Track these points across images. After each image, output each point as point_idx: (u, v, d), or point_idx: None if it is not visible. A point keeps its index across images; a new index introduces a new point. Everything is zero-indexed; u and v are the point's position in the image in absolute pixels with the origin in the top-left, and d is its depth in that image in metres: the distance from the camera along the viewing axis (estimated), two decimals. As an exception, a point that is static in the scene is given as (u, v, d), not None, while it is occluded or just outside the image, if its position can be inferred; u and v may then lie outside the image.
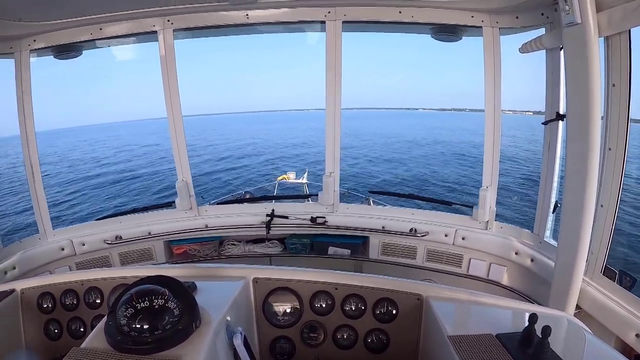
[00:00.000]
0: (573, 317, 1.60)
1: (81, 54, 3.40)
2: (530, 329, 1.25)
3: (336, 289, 1.70)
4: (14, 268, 3.16)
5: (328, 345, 1.71)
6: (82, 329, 1.93)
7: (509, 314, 1.61)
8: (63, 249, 3.45)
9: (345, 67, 3.24)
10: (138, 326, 1.16)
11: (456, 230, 3.23)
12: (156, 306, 1.19)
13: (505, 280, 3.12)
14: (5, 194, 25.12)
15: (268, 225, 3.65)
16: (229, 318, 1.40)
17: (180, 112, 3.41)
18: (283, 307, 1.74)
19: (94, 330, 1.29)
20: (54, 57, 3.35)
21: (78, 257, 3.51)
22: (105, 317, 1.28)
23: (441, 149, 39.75)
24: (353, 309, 1.70)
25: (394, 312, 1.67)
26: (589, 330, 1.49)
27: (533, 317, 1.24)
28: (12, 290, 1.94)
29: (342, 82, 3.26)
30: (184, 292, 1.31)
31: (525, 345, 1.25)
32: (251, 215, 3.72)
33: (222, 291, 1.59)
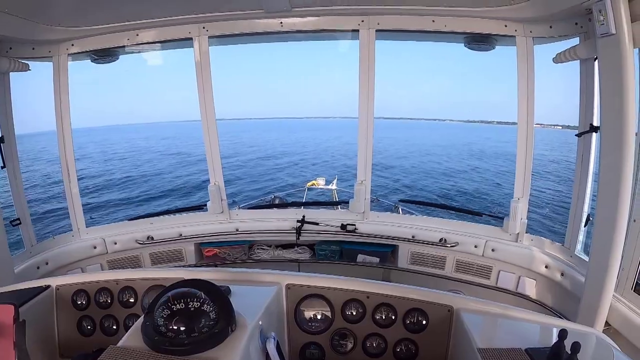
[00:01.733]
0: (602, 334, 1.57)
1: (118, 58, 3.49)
2: (559, 345, 1.24)
3: (368, 297, 1.71)
4: (47, 263, 3.27)
5: (357, 353, 1.72)
6: (114, 327, 1.98)
7: (538, 329, 1.61)
8: (95, 247, 3.55)
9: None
10: (175, 327, 1.19)
11: (486, 242, 3.20)
12: (192, 309, 1.22)
13: (534, 294, 3.06)
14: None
15: (298, 231, 3.67)
16: (261, 322, 1.43)
17: (214, 117, 3.48)
18: (314, 313, 1.75)
19: (131, 329, 1.32)
20: (91, 61, 3.44)
21: (109, 255, 3.60)
22: (142, 317, 1.32)
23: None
24: (384, 318, 1.71)
25: (424, 322, 1.67)
26: (618, 348, 1.46)
27: (563, 333, 1.24)
28: (48, 286, 2.00)
29: (375, 90, 3.27)
30: (220, 296, 1.34)
31: None
32: (282, 220, 3.75)
33: (255, 296, 1.62)
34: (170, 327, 1.19)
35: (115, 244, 3.62)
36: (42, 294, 1.97)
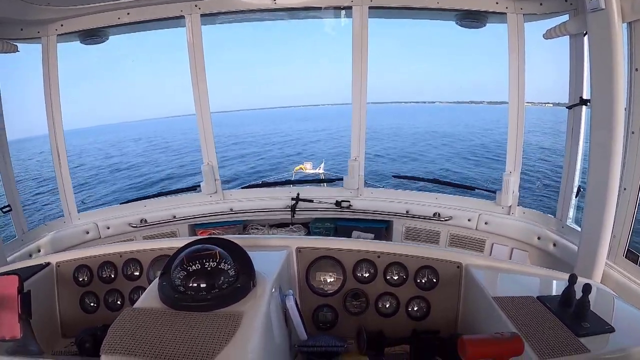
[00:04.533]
0: (603, 285, 1.65)
1: (107, 39, 3.44)
2: (570, 290, 1.30)
3: (379, 257, 1.74)
4: (39, 251, 3.23)
5: (370, 313, 1.75)
6: (119, 302, 1.97)
7: (545, 280, 1.67)
8: (88, 232, 3.51)
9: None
10: (194, 285, 1.19)
11: (479, 215, 3.25)
12: (208, 268, 1.22)
13: (527, 265, 3.13)
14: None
15: (293, 209, 3.68)
16: (280, 283, 1.45)
17: (207, 98, 3.47)
18: (326, 275, 1.77)
19: (146, 291, 1.32)
20: (81, 42, 3.39)
21: (102, 240, 3.56)
22: (157, 278, 1.31)
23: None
24: (395, 277, 1.75)
25: (435, 279, 1.72)
26: (618, 296, 1.56)
27: (573, 278, 1.29)
28: (47, 264, 1.97)
29: (368, 67, 3.29)
30: (240, 251, 1.35)
31: (566, 305, 1.31)
32: (276, 199, 3.76)
33: (266, 260, 1.61)
34: (189, 285, 1.19)
35: (108, 228, 3.58)
36: (42, 272, 1.93)
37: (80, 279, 1.99)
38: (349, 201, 3.61)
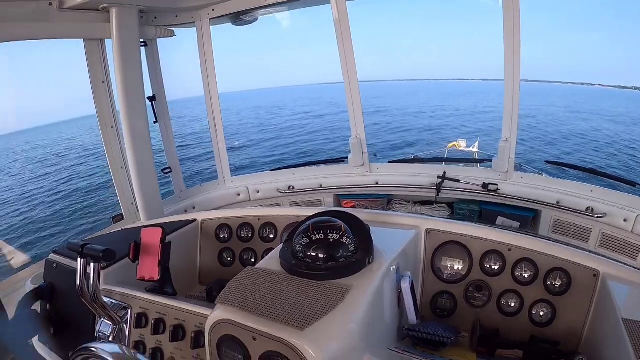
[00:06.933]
0: None
1: (257, 19, 3.64)
2: None
3: (509, 250, 1.59)
4: (194, 208, 3.60)
5: (490, 309, 1.61)
6: (252, 260, 2.12)
7: None
8: (239, 195, 3.85)
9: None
10: (313, 254, 1.22)
11: (637, 216, 2.81)
12: (331, 240, 1.23)
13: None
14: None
15: (438, 188, 3.58)
16: (398, 262, 1.41)
17: (355, 71, 3.48)
18: (453, 261, 1.68)
19: (270, 254, 1.39)
20: (232, 24, 3.64)
21: (252, 203, 3.87)
22: (282, 244, 1.36)
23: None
24: (524, 275, 1.57)
25: (567, 285, 1.50)
26: None
27: None
28: (194, 220, 2.21)
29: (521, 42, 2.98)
30: (361, 228, 1.34)
31: None
32: (422, 175, 3.69)
33: (393, 237, 1.58)
34: (309, 253, 1.22)
35: (258, 192, 3.89)
36: (189, 226, 2.18)
37: (221, 236, 2.20)
38: (496, 184, 3.39)
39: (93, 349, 0.81)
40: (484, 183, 3.41)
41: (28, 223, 19.38)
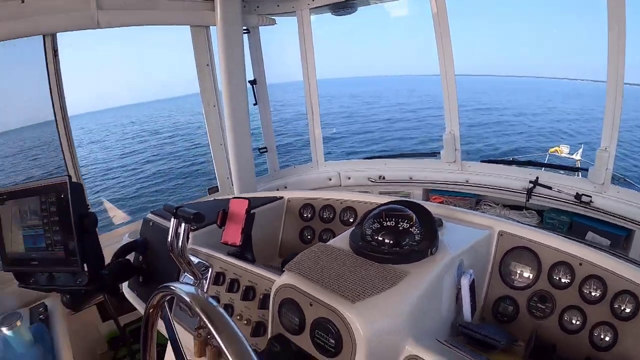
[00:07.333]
0: None
1: (356, 10, 3.71)
2: None
3: (580, 264, 1.52)
4: (285, 187, 3.81)
5: (551, 323, 1.54)
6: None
7: None
8: (330, 179, 4.00)
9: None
10: (380, 238, 1.29)
11: None
12: (400, 228, 1.30)
13: None
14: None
15: (529, 193, 3.44)
16: (463, 259, 1.42)
17: (452, 62, 3.45)
18: (520, 268, 1.63)
19: (341, 234, 1.47)
20: (332, 13, 3.73)
21: (341, 189, 3.98)
22: (354, 227, 1.44)
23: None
24: (592, 293, 1.48)
25: (634, 310, 1.39)
26: None
27: None
28: (281, 197, 2.37)
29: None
30: (429, 219, 1.39)
31: None
32: (513, 178, 3.57)
33: (464, 234, 1.59)
34: (376, 237, 1.30)
35: (349, 178, 4.01)
36: (276, 202, 2.33)
37: (305, 215, 2.33)
38: (590, 196, 3.16)
39: (173, 288, 0.92)
40: (577, 193, 3.21)
41: (135, 190, 21.62)
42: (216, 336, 0.75)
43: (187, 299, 0.86)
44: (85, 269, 1.77)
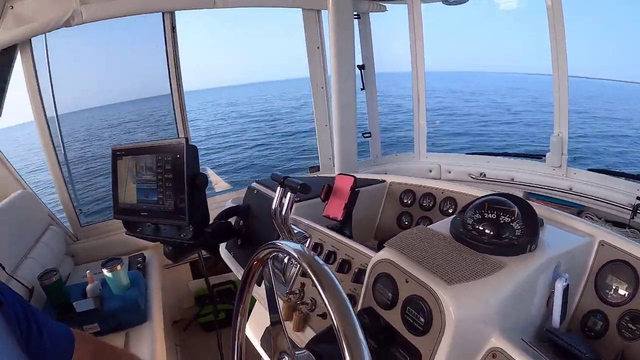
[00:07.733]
0: None
1: (467, 0, 3.60)
2: None
3: None
4: (385, 173, 3.73)
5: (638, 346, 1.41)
6: None
7: None
8: (430, 171, 3.99)
9: None
10: (481, 228, 1.28)
11: None
12: (501, 221, 1.28)
13: None
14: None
15: (635, 210, 3.07)
16: (559, 262, 1.36)
17: (566, 66, 3.23)
18: (617, 283, 1.50)
19: (442, 220, 1.48)
20: (443, 2, 3.63)
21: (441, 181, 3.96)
22: (456, 214, 1.44)
23: None
24: None
25: None
26: None
27: None
28: (383, 181, 2.41)
29: None
30: (532, 216, 1.35)
31: None
32: (620, 192, 3.24)
33: (563, 238, 1.53)
34: (476, 227, 1.29)
35: (450, 172, 3.96)
36: (377, 185, 2.38)
37: (405, 200, 2.34)
38: None
39: (280, 244, 0.96)
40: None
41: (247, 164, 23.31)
42: (321, 292, 0.79)
43: (295, 255, 0.90)
44: (191, 225, 1.95)
